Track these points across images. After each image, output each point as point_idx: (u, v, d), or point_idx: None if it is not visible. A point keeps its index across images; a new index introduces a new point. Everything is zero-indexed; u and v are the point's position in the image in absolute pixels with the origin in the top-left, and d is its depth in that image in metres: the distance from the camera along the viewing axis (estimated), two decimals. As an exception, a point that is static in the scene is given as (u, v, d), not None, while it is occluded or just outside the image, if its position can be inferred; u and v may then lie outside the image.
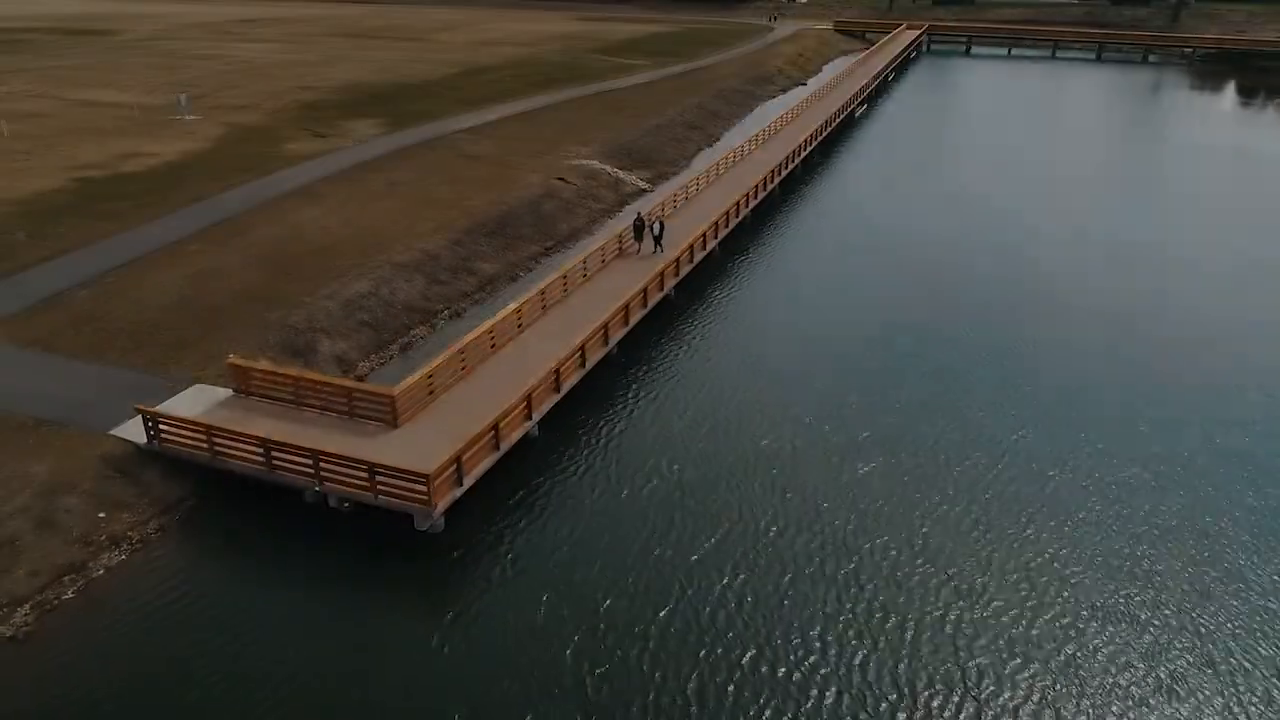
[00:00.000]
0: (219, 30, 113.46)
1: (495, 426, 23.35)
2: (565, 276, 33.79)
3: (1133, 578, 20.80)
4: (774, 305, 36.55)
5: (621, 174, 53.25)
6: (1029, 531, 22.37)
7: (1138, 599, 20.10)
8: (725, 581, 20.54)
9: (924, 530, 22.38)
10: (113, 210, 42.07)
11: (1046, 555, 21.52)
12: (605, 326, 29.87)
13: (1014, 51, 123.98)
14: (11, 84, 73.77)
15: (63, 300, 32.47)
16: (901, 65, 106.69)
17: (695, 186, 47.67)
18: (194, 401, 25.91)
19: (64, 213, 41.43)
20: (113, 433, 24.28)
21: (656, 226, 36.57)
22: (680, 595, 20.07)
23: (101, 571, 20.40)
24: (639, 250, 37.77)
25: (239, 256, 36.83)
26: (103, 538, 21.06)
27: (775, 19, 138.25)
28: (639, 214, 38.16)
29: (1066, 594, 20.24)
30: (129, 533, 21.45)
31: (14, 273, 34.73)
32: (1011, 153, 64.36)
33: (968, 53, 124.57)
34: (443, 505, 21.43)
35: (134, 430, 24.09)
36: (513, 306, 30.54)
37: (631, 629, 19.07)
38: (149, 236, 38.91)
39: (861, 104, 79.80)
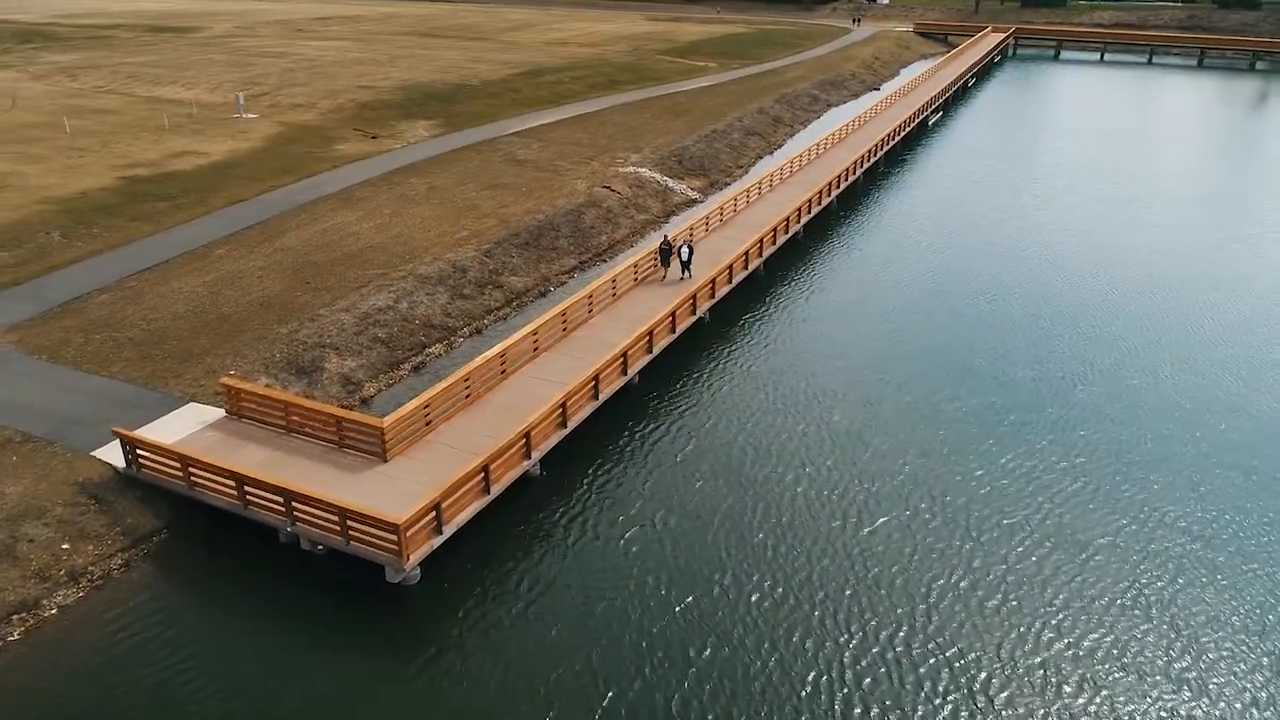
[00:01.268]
0: (292, 28, 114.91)
1: (485, 468, 21.45)
2: (590, 296, 31.76)
3: (1182, 686, 17.65)
4: (813, 333, 33.88)
5: (672, 183, 51.01)
6: (1059, 616, 19.42)
7: (1185, 715, 17.04)
8: (698, 654, 18.28)
9: (935, 604, 19.67)
10: (151, 211, 41.73)
11: (1076, 648, 18.55)
12: (624, 355, 27.74)
13: (1107, 57, 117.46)
14: (85, 80, 75.29)
15: (80, 305, 31.88)
16: (984, 70, 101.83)
17: (745, 199, 45.15)
18: (185, 422, 24.72)
19: (104, 212, 41.20)
20: (95, 454, 23.20)
21: (685, 251, 34.09)
22: (645, 672, 17.89)
23: (54, 610, 19.17)
24: (665, 276, 35.26)
25: (263, 263, 35.88)
26: (61, 573, 19.83)
27: (858, 21, 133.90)
28: (665, 236, 35.75)
29: (1096, 702, 17.26)
30: (90, 567, 20.19)
31: (41, 275, 34.36)
32: (1100, 169, 59.91)
33: (1057, 58, 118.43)
34: (417, 557, 19.61)
35: (115, 453, 22.94)
36: (529, 329, 28.65)
37: (581, 711, 16.95)
38: (180, 239, 38.34)
39: (936, 111, 75.92)
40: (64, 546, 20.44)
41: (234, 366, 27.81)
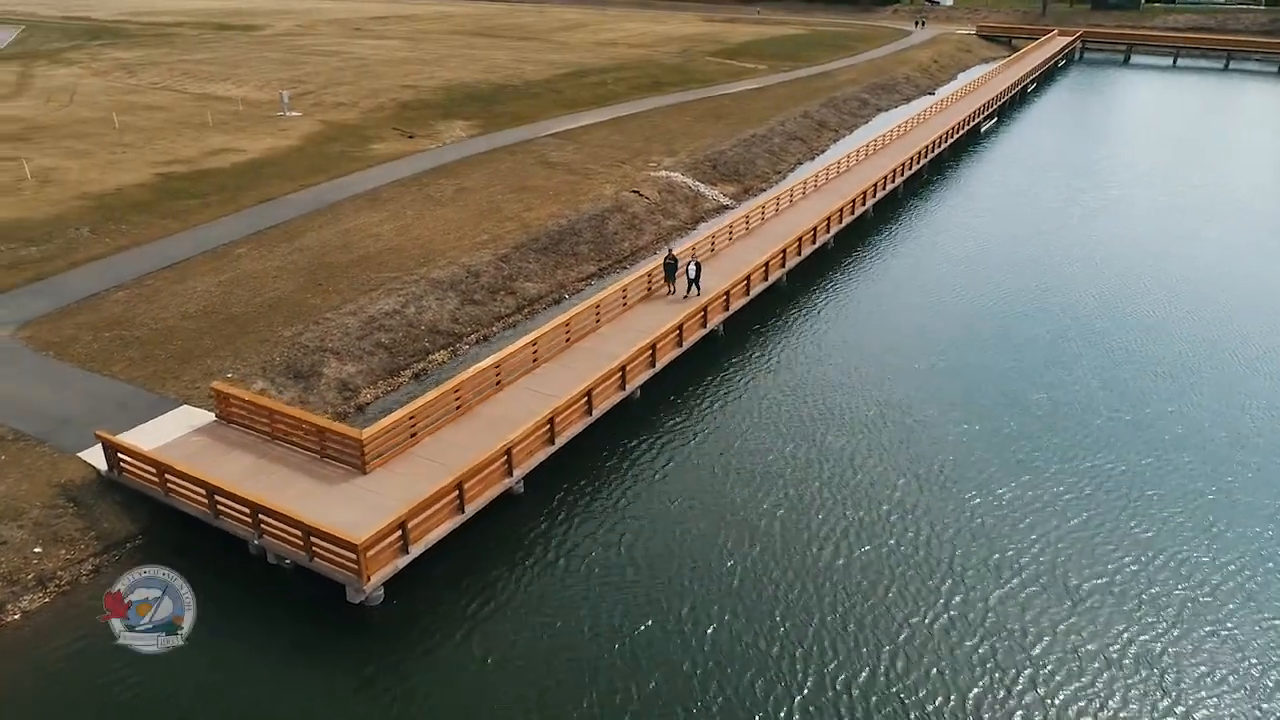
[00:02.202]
0: (350, 27, 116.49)
1: (460, 486, 20.81)
2: (598, 306, 30.96)
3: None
4: (828, 349, 32.54)
5: (703, 188, 49.96)
6: (1038, 666, 17.98)
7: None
8: (642, 688, 17.48)
9: (904, 647, 18.41)
10: (181, 208, 42.18)
11: (1052, 703, 17.04)
12: (623, 369, 26.87)
13: (1180, 62, 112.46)
14: (142, 76, 77.17)
15: (96, 302, 32.17)
16: (1046, 74, 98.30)
17: (775, 206, 43.92)
18: (175, 425, 24.62)
19: (135, 209, 41.78)
20: (81, 455, 23.19)
21: (692, 268, 32.79)
22: (584, 705, 17.10)
23: (17, 616, 19.09)
24: (670, 292, 33.88)
25: (280, 263, 35.87)
26: (29, 577, 19.77)
27: (920, 23, 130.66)
28: (670, 251, 34.60)
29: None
30: (59, 572, 20.09)
31: (64, 271, 34.83)
32: (1160, 179, 56.97)
33: (1126, 62, 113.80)
34: (379, 577, 19.05)
35: (100, 456, 22.87)
36: (528, 338, 28.00)
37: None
38: (204, 237, 38.60)
39: (990, 117, 73.34)
40: (36, 550, 20.38)
41: (233, 369, 27.70)
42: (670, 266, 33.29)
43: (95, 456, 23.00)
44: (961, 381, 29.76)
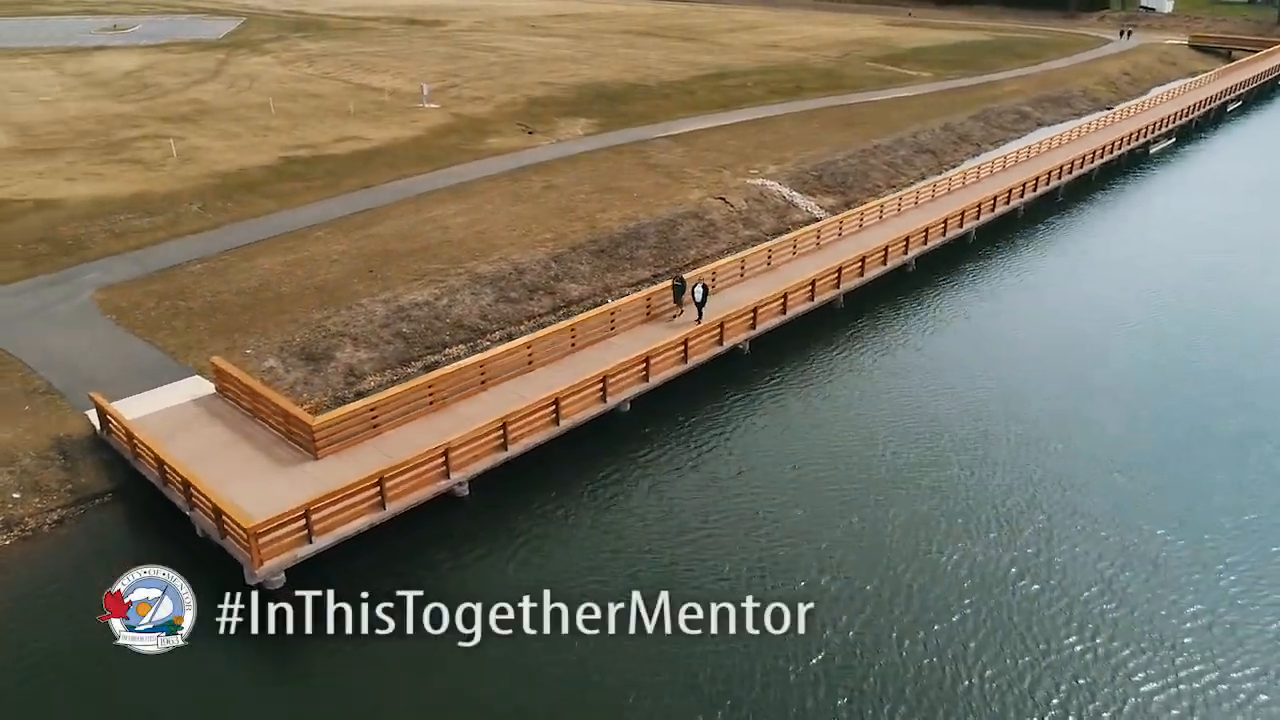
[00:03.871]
0: (524, 24, 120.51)
1: (380, 481, 20.89)
2: (614, 313, 30.28)
3: None
4: (864, 385, 30.20)
5: (799, 199, 47.87)
6: None
7: None
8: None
9: None
10: (286, 190, 45.05)
11: None
12: (604, 380, 26.07)
13: None
14: (318, 66, 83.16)
15: (173, 273, 34.83)
16: (1259, 92, 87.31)
17: (857, 222, 41.42)
18: (178, 393, 26.27)
19: (246, 189, 44.99)
20: (88, 413, 25.14)
21: (699, 291, 31.14)
22: None
23: (-25, 554, 20.92)
24: (677, 316, 31.96)
25: (345, 248, 37.51)
26: (-1, 519, 21.63)
27: (1126, 33, 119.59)
28: (678, 274, 33.00)
29: None
30: (28, 519, 21.88)
31: (163, 241, 37.99)
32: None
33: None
34: (276, 564, 19.42)
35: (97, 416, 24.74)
36: (524, 340, 27.79)
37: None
38: (294, 219, 40.97)
39: (1166, 137, 65.88)
40: (15, 495, 22.30)
41: (253, 346, 29.22)
42: (678, 288, 31.85)
43: (96, 416, 24.89)
44: (994, 433, 26.80)
